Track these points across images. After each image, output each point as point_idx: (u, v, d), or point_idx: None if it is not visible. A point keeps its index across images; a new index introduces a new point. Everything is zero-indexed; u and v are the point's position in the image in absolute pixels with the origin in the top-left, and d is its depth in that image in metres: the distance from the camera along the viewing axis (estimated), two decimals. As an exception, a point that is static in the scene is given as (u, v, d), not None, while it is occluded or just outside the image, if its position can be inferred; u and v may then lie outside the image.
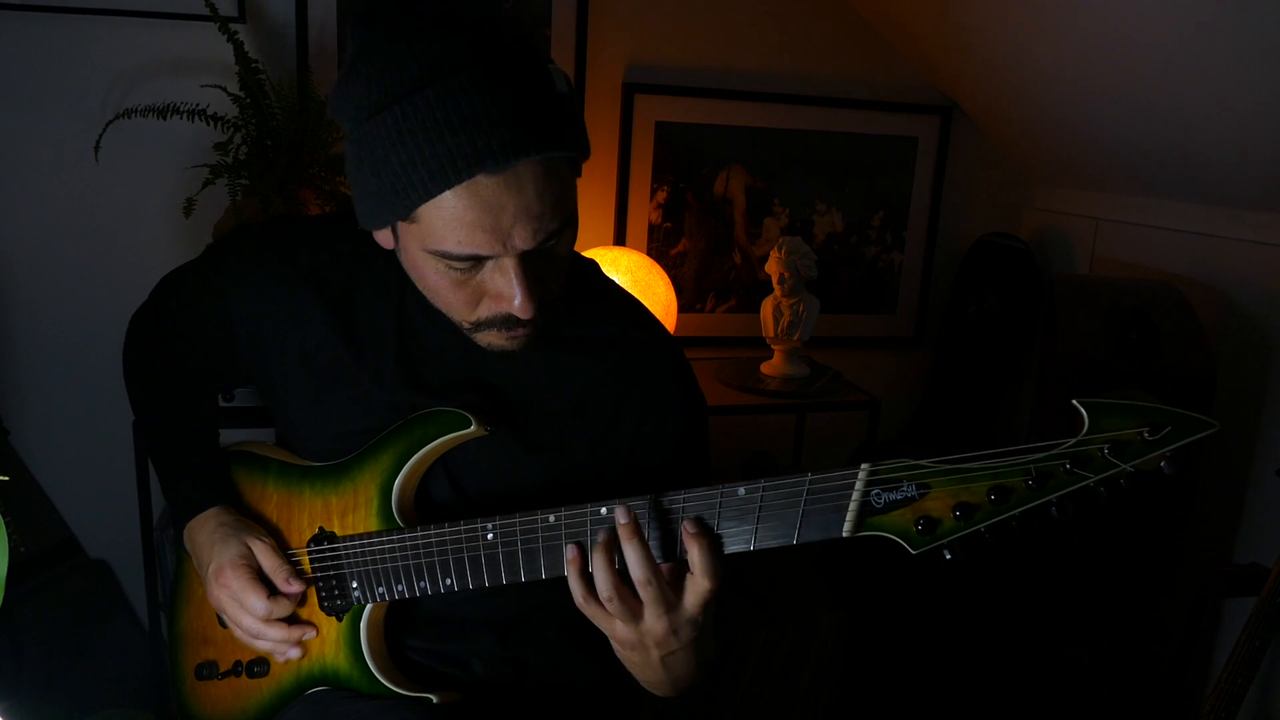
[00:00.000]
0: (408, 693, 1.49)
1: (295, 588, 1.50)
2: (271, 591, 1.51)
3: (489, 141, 1.16)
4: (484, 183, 1.19)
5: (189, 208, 2.41)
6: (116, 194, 2.77)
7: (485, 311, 1.33)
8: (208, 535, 1.55)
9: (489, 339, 1.37)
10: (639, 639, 1.31)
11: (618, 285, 1.65)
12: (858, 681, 3.15)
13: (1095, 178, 3.25)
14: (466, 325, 1.36)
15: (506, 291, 1.28)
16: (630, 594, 1.28)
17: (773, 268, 3.04)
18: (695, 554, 1.25)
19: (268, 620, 1.50)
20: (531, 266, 1.28)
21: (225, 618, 1.55)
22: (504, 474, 1.50)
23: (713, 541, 1.26)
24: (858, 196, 3.45)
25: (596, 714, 1.66)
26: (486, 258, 1.26)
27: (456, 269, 1.27)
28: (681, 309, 3.29)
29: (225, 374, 1.73)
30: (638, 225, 3.25)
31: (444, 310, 1.37)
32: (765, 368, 3.15)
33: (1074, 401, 1.08)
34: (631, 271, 2.91)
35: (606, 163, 3.18)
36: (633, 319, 1.59)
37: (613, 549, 1.28)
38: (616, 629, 1.31)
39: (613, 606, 1.28)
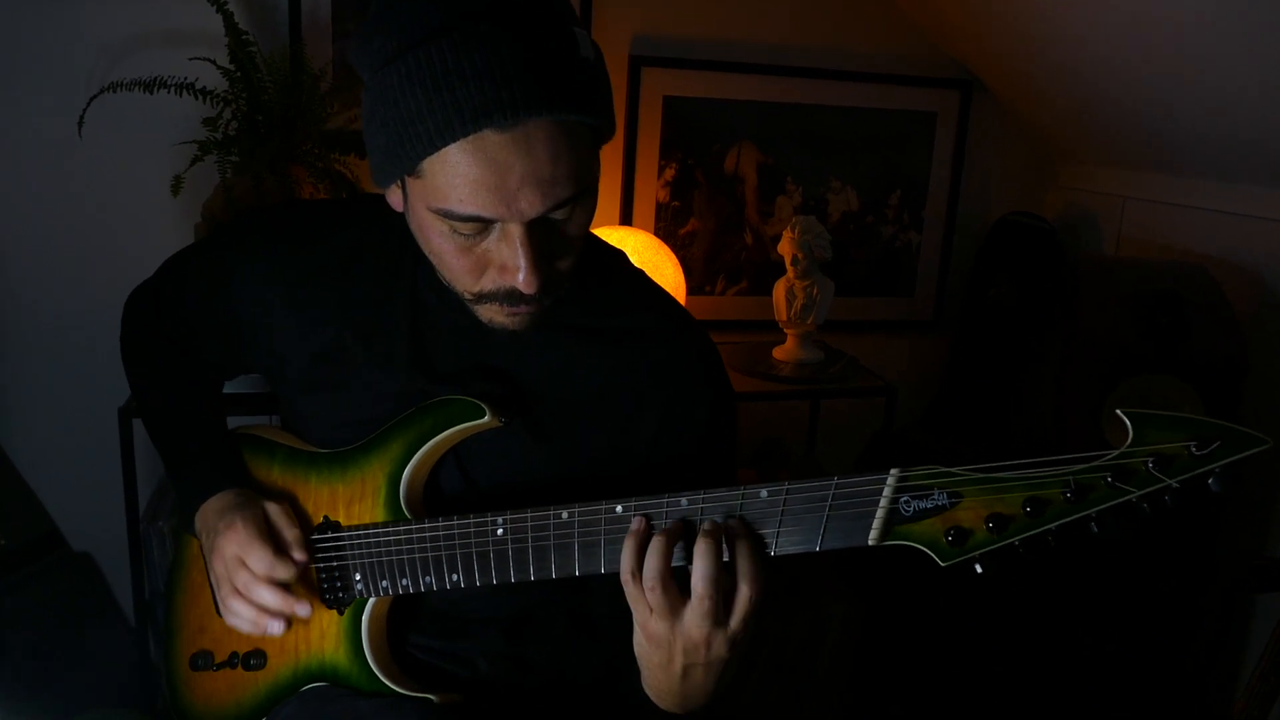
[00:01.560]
0: (408, 692, 1.49)
1: (301, 556, 1.49)
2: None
3: (498, 94, 1.15)
4: (491, 139, 1.17)
5: (177, 186, 2.41)
6: (101, 171, 2.76)
7: (489, 283, 1.31)
8: (221, 506, 1.54)
9: (491, 314, 1.36)
10: (670, 638, 1.29)
11: (646, 275, 1.63)
12: (874, 677, 3.15)
13: (1123, 155, 3.24)
14: (469, 296, 1.35)
15: (511, 262, 1.27)
16: (675, 590, 1.26)
17: (785, 248, 3.04)
18: (741, 557, 1.24)
19: (267, 578, 1.47)
20: (539, 239, 1.26)
21: (218, 575, 1.52)
22: (517, 466, 1.50)
23: (756, 544, 1.25)
24: (874, 174, 3.45)
25: (603, 714, 1.65)
26: (491, 221, 1.24)
27: (461, 233, 1.26)
28: (690, 291, 3.28)
29: (225, 364, 1.73)
30: (645, 204, 3.24)
31: (448, 278, 1.36)
32: (778, 352, 3.15)
33: (1118, 411, 1.06)
34: (638, 252, 2.90)
35: (612, 139, 3.16)
36: (660, 311, 1.57)
37: (676, 539, 1.27)
38: (650, 621, 1.29)
39: (653, 597, 1.26)
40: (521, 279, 1.26)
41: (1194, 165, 2.97)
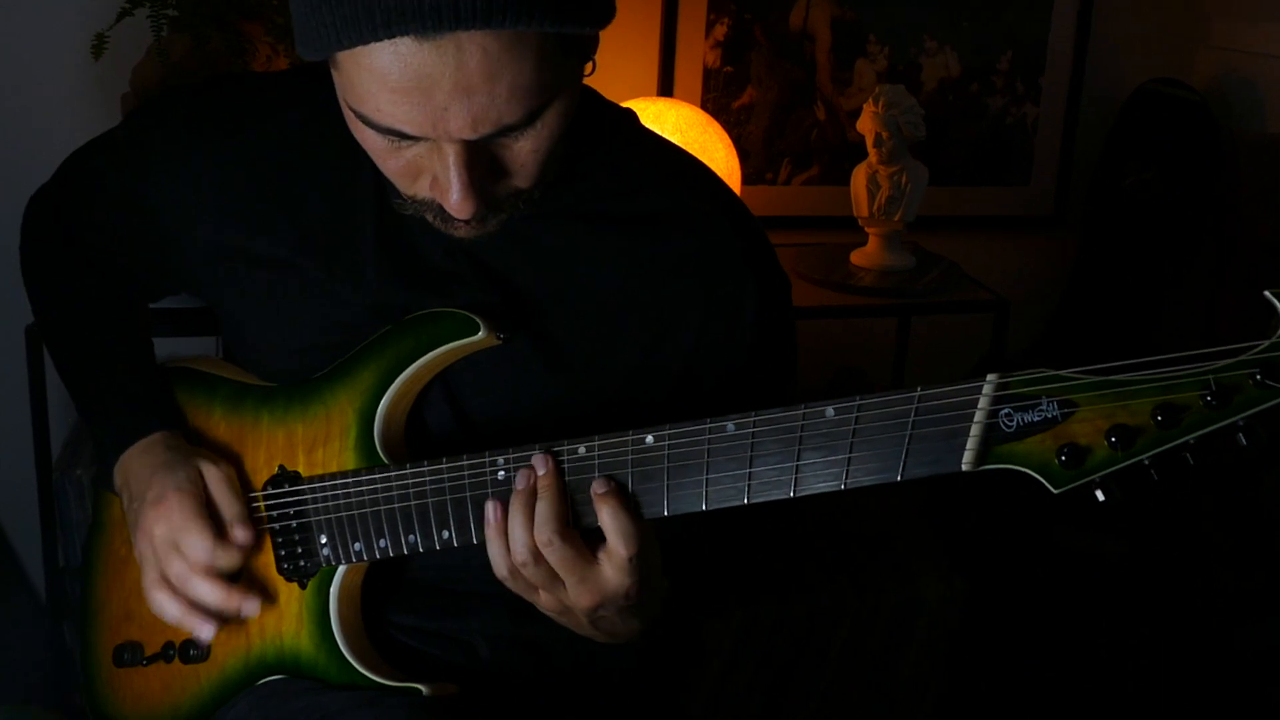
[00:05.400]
0: (390, 682, 1.48)
1: (244, 535, 1.48)
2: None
3: None
4: (410, 47, 1.13)
5: (99, 46, 2.40)
6: (2, 29, 2.76)
7: (423, 190, 1.30)
8: (150, 461, 1.54)
9: (433, 220, 1.35)
10: (563, 608, 1.35)
11: (667, 141, 1.62)
12: (975, 670, 3.15)
13: (1295, 4, 3.22)
14: (405, 199, 1.34)
15: (442, 178, 1.25)
16: (547, 563, 1.32)
17: (867, 126, 3.03)
18: (606, 517, 1.28)
19: (207, 570, 1.46)
20: (480, 159, 1.25)
21: (142, 555, 1.51)
22: (523, 395, 1.49)
23: (625, 501, 1.29)
24: (979, 32, 3.43)
25: (632, 710, 1.67)
26: (416, 138, 1.23)
27: (388, 136, 1.24)
28: (746, 180, 3.27)
29: (147, 279, 1.73)
30: (689, 70, 3.24)
31: (386, 174, 1.34)
32: (857, 257, 3.15)
33: (1266, 293, 1.05)
34: (681, 131, 2.89)
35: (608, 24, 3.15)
36: (691, 186, 1.56)
37: (531, 502, 1.31)
38: (540, 598, 1.35)
39: (528, 571, 1.31)
40: (454, 202, 1.25)
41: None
